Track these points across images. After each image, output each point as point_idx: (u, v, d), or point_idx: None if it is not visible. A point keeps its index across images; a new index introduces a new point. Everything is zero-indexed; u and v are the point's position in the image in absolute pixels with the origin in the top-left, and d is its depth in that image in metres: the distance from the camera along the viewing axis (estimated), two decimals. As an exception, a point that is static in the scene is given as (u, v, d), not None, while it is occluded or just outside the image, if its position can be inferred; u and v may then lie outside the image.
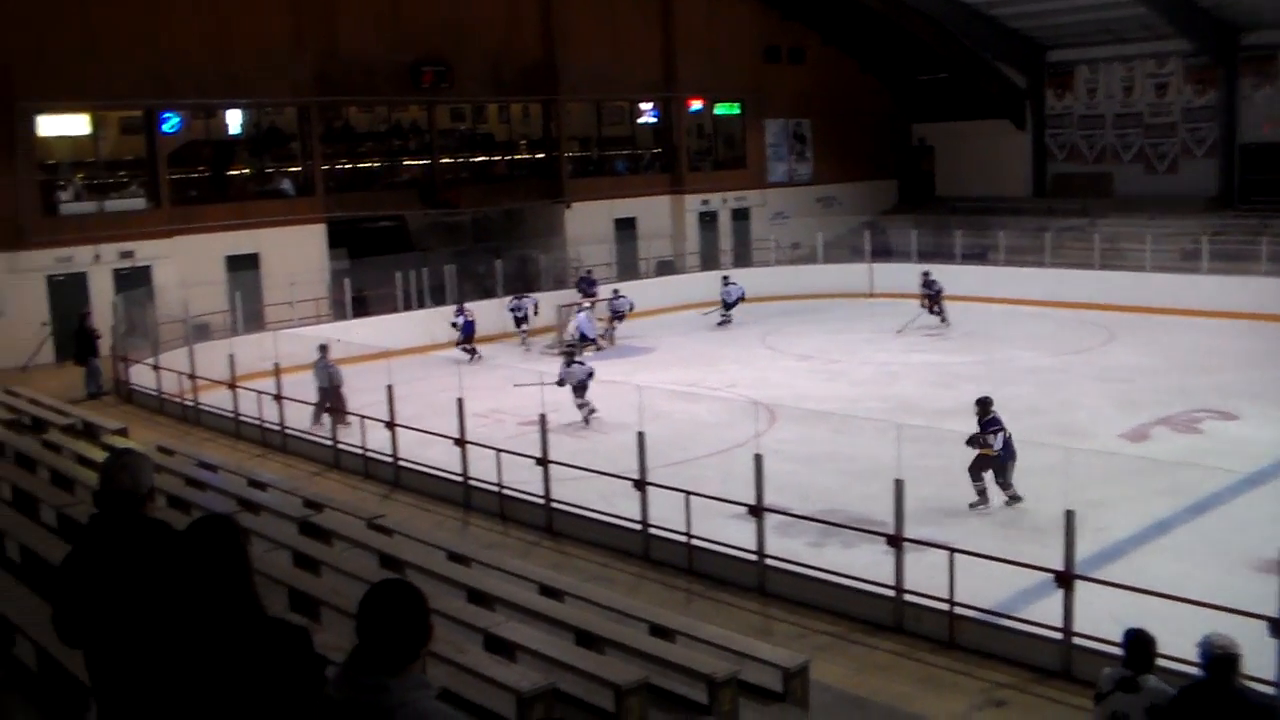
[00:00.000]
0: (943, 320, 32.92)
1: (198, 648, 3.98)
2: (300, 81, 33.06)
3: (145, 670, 4.39)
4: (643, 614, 10.79)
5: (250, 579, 4.16)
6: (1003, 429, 16.63)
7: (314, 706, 3.67)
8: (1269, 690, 9.35)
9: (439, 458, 18.20)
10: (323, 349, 23.21)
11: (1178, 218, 39.11)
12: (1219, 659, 7.31)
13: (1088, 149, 44.60)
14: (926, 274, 33.74)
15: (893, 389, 25.51)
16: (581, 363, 23.00)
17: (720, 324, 34.68)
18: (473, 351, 29.86)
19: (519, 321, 32.13)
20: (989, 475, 16.46)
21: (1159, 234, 36.94)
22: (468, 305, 31.03)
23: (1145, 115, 42.99)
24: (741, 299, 35.05)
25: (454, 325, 30.52)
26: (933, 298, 33.11)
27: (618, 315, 32.95)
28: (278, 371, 21.36)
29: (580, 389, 22.17)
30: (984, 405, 16.94)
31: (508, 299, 32.74)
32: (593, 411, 21.97)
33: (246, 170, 35.11)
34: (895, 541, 12.37)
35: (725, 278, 36.05)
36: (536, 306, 32.23)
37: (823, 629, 12.27)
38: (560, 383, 21.80)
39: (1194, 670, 7.69)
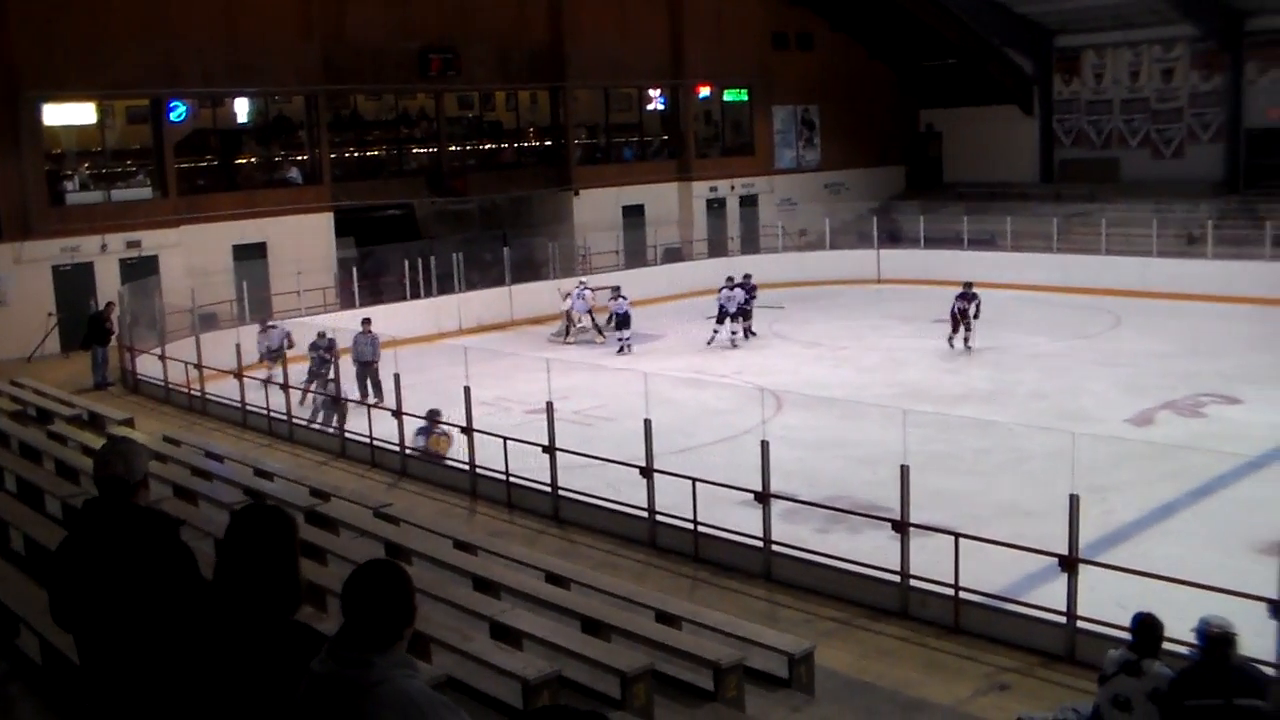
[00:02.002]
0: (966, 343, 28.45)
1: (228, 639, 4.00)
2: (308, 69, 33.08)
3: (131, 655, 4.45)
4: (649, 601, 10.84)
5: (297, 572, 4.17)
6: None
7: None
8: (1271, 671, 9.39)
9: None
10: (366, 322, 23.86)
11: (1184, 203, 39.13)
12: (1215, 639, 7.42)
13: (1095, 134, 44.51)
14: (968, 285, 28.69)
15: (900, 375, 25.55)
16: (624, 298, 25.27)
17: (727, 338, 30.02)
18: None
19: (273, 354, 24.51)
20: None
21: (1165, 219, 36.96)
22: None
23: (1152, 100, 42.91)
24: (746, 300, 30.44)
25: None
26: (968, 313, 28.27)
27: (619, 317, 31.28)
28: (285, 361, 21.42)
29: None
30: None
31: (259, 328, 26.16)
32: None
33: (254, 159, 35.15)
34: (901, 527, 12.39)
35: (730, 279, 30.76)
36: (289, 339, 24.69)
37: (828, 615, 12.31)
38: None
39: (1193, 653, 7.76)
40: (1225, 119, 40.97)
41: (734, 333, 29.90)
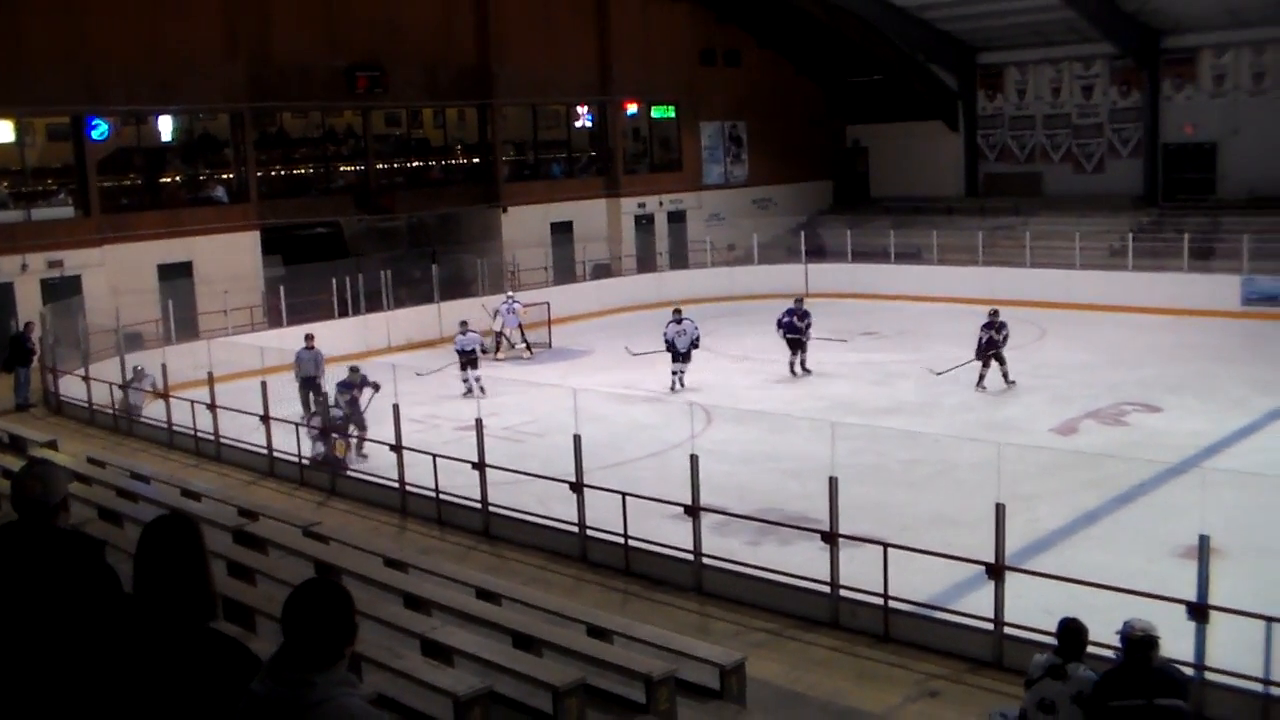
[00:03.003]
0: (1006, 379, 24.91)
1: (139, 652, 3.96)
2: (233, 87, 32.80)
3: (49, 679, 4.39)
4: (580, 615, 10.83)
5: (207, 578, 4.14)
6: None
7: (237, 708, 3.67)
8: (1189, 671, 9.58)
9: (374, 464, 18.18)
10: (309, 337, 23.90)
11: (1105, 216, 39.80)
12: (1136, 641, 7.56)
13: (1018, 149, 45.14)
14: (995, 313, 25.22)
15: (829, 388, 25.73)
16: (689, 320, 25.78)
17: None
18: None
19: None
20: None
21: (1087, 232, 37.58)
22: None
23: (1073, 116, 43.64)
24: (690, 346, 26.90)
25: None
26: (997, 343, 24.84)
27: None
28: (211, 380, 21.21)
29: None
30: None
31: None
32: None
33: (178, 177, 34.80)
34: (830, 538, 12.49)
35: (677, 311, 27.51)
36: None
37: (760, 626, 12.37)
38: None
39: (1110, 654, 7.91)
40: (1143, 134, 41.74)
41: (799, 364, 27.44)
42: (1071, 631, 8.14)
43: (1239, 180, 39.37)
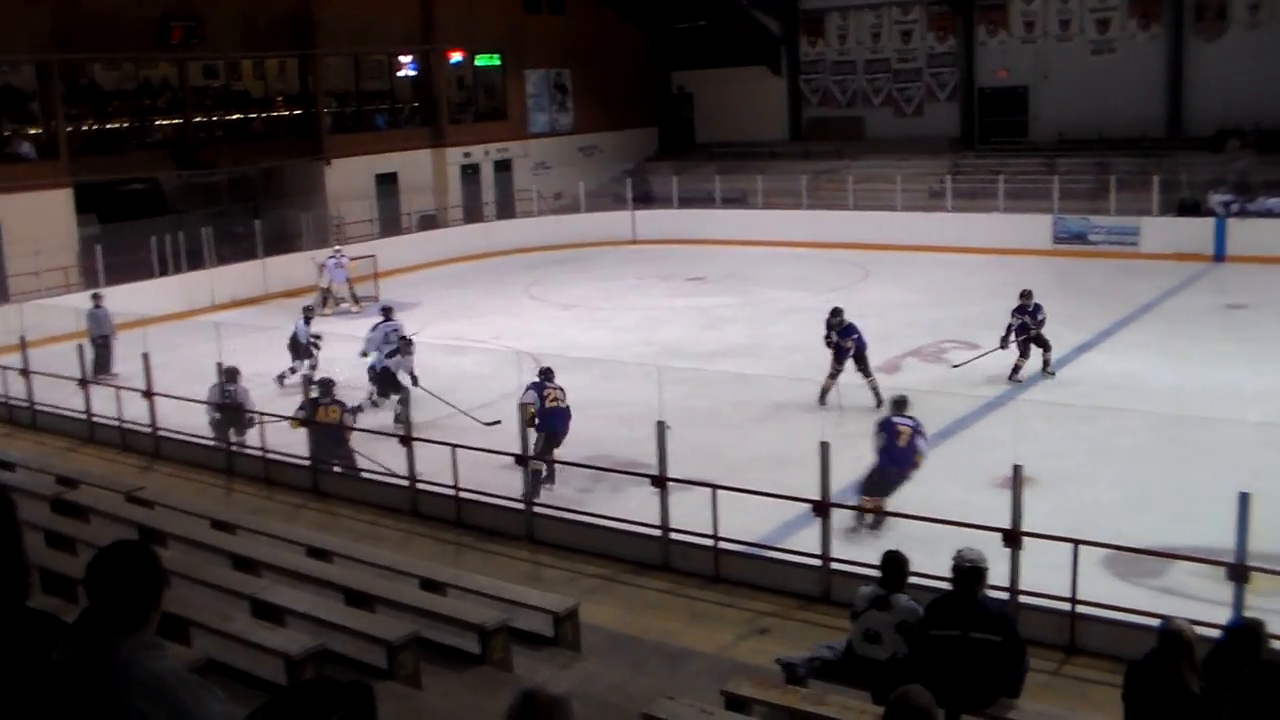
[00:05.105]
0: (1047, 369, 21.49)
1: None
2: (37, 37, 31.32)
3: None
4: (412, 569, 10.78)
5: (20, 553, 3.99)
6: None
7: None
8: (1003, 595, 9.95)
9: (200, 425, 17.77)
10: (97, 297, 23.44)
11: (924, 159, 40.70)
12: (965, 571, 7.78)
13: (840, 94, 45.79)
14: (1027, 295, 21.73)
15: (658, 334, 25.91)
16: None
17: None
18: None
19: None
20: None
21: (908, 174, 38.39)
22: None
23: (893, 61, 44.43)
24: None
25: None
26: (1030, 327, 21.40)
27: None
28: (24, 345, 20.49)
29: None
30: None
31: None
32: None
33: (-20, 133, 33.36)
34: (659, 482, 12.63)
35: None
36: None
37: (592, 572, 12.46)
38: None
39: (945, 585, 8.15)
40: (959, 79, 42.79)
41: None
42: (893, 563, 8.39)
43: (1049, 123, 40.66)
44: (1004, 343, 21.08)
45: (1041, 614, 10.34)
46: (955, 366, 21.41)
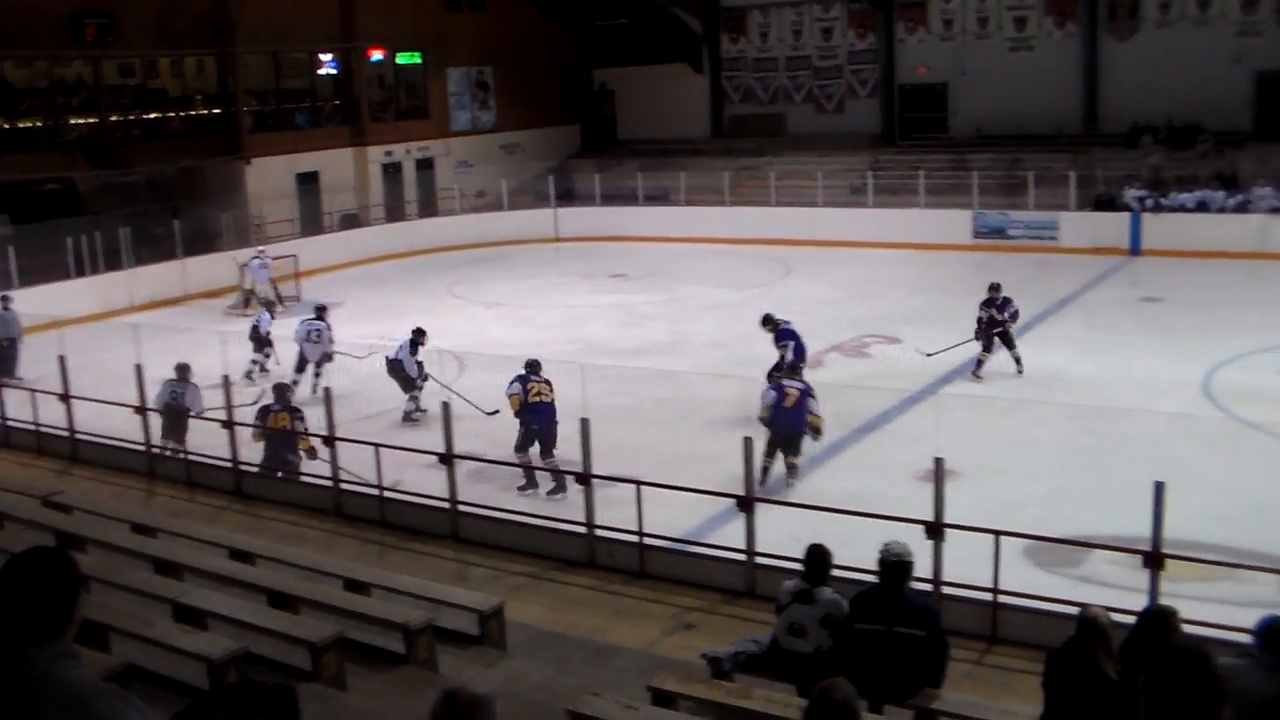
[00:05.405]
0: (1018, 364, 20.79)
1: None
2: (-58, 34, 30.79)
3: None
4: (336, 570, 10.71)
5: None
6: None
7: None
8: (927, 586, 10.04)
9: (120, 428, 17.48)
10: (4, 299, 22.91)
11: (846, 155, 40.96)
12: (891, 565, 7.84)
13: (762, 91, 46.00)
14: (995, 287, 21.29)
15: (581, 331, 25.89)
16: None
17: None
18: None
19: None
20: None
21: (829, 171, 38.64)
22: None
23: (814, 58, 44.69)
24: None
25: None
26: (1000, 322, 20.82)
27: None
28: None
29: None
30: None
31: None
32: None
33: (-116, 133, 32.58)
34: (584, 479, 12.62)
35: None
36: None
37: (517, 570, 12.41)
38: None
39: (869, 577, 8.22)
40: (880, 76, 43.14)
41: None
42: (815, 556, 8.43)
43: (968, 119, 41.11)
44: (977, 335, 20.80)
45: (964, 604, 10.45)
46: (929, 355, 21.23)
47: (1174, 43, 37.53)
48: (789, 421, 15.35)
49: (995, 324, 20.65)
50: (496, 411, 17.11)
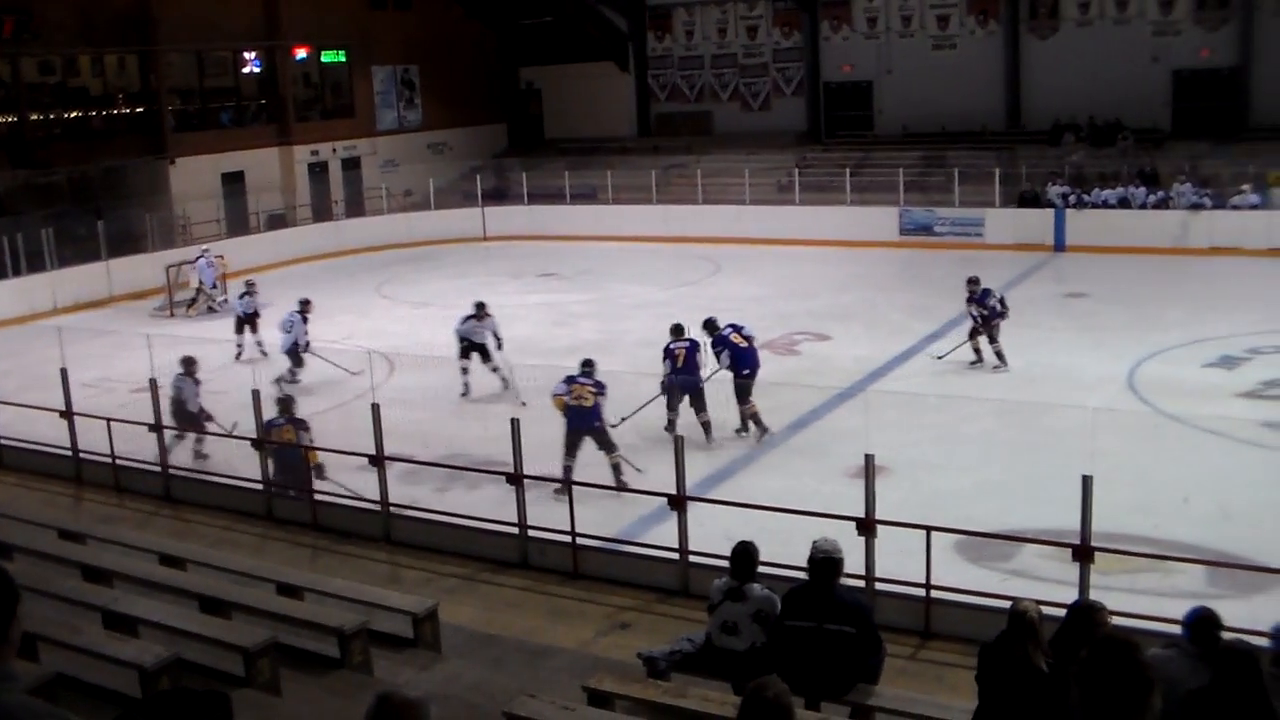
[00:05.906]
0: (1000, 360, 20.75)
1: None
2: None
3: None
4: (269, 574, 10.64)
5: None
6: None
7: None
8: (859, 583, 10.12)
9: (45, 433, 17.22)
10: None
11: (772, 153, 41.16)
12: (819, 562, 7.90)
13: (688, 89, 46.14)
14: (974, 281, 21.24)
15: (510, 331, 25.69)
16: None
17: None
18: None
19: None
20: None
21: (756, 169, 38.80)
22: None
23: (740, 56, 44.91)
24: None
25: None
26: (986, 318, 20.78)
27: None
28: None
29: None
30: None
31: None
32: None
33: None
34: (515, 480, 12.60)
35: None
36: None
37: (451, 572, 12.40)
38: None
39: (802, 574, 8.27)
40: (805, 74, 43.42)
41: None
42: (741, 554, 8.47)
43: (893, 117, 41.50)
44: (974, 333, 20.82)
45: (897, 600, 10.57)
46: (939, 358, 21.20)
47: (1094, 41, 38.11)
48: (684, 383, 16.69)
49: (995, 315, 20.75)
50: (524, 404, 17.34)
